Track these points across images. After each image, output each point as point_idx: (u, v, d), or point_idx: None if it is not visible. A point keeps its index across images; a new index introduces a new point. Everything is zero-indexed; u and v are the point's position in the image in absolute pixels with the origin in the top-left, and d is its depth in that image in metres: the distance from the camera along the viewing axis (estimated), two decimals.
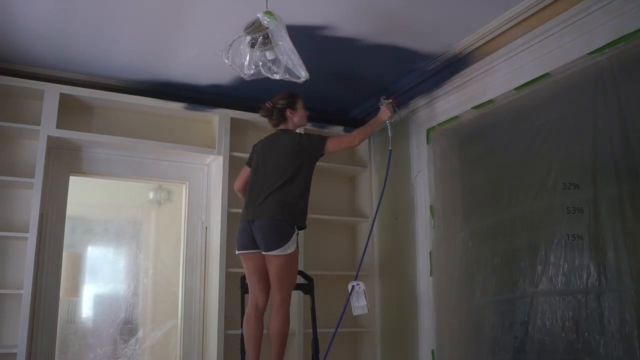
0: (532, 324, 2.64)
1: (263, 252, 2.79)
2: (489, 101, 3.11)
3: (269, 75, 2.50)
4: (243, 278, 3.07)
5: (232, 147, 3.66)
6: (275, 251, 2.73)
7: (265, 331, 2.86)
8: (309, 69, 2.44)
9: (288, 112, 3.05)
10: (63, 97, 3.30)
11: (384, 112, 3.24)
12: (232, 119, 3.71)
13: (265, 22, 2.35)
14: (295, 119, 3.08)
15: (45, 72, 3.46)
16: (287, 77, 2.48)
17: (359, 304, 3.06)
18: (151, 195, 4.13)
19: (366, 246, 3.25)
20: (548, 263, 2.60)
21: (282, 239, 2.74)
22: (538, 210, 2.72)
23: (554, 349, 2.52)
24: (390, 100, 3.28)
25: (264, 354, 2.83)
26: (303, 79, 2.46)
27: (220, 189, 3.59)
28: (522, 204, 2.82)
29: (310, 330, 3.15)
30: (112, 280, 4.03)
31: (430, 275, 3.39)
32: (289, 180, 2.86)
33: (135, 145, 3.54)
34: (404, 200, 3.76)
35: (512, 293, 2.86)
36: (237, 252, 2.90)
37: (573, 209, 2.53)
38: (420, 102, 3.63)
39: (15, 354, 2.94)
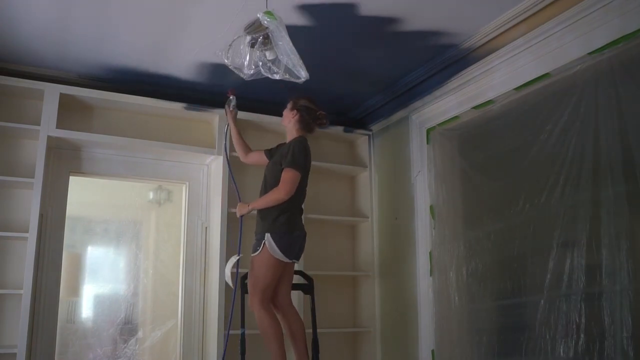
0: (532, 325, 2.64)
1: (295, 261, 2.97)
2: (489, 101, 3.11)
3: (269, 75, 2.50)
4: (244, 278, 3.07)
5: (232, 148, 3.66)
6: None
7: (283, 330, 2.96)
8: (309, 69, 2.44)
9: None
10: (63, 97, 3.30)
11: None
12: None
13: (265, 22, 2.36)
14: None
15: (45, 72, 3.47)
16: (287, 77, 2.49)
17: (226, 273, 3.04)
18: (151, 195, 4.13)
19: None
20: (549, 264, 2.59)
21: None
22: (538, 210, 2.71)
23: (554, 350, 2.52)
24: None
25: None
26: (303, 79, 2.46)
27: (220, 189, 3.59)
28: (522, 204, 2.81)
29: (311, 330, 3.15)
30: (112, 280, 4.04)
31: (430, 275, 3.39)
32: None
33: (136, 145, 3.53)
34: (404, 200, 3.76)
35: (513, 294, 2.86)
36: (289, 260, 2.89)
37: (573, 209, 2.53)
38: (420, 102, 3.63)
39: (15, 354, 2.93)
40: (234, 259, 3.01)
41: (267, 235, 2.83)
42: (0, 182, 3.21)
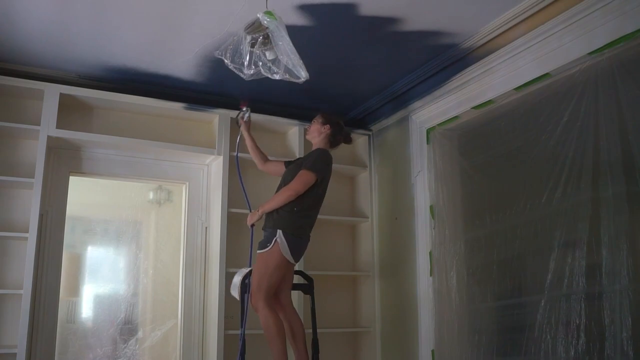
0: (532, 325, 2.64)
1: (295, 262, 2.96)
2: (489, 101, 3.11)
3: (269, 75, 2.50)
4: (244, 278, 3.07)
5: (232, 147, 3.66)
6: None
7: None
8: (309, 69, 2.44)
9: None
10: (63, 97, 3.30)
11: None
12: (231, 119, 3.71)
13: (265, 22, 2.36)
14: None
15: (45, 72, 3.47)
16: (286, 77, 2.48)
17: (234, 281, 3.04)
18: (151, 195, 4.13)
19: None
20: (549, 264, 2.59)
21: None
22: (538, 211, 2.71)
23: (554, 350, 2.52)
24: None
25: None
26: (303, 79, 2.46)
27: (220, 189, 3.59)
28: (522, 204, 2.82)
29: (311, 330, 3.15)
30: (112, 280, 4.03)
31: (430, 275, 3.39)
32: None
33: (135, 145, 3.53)
34: (404, 200, 3.76)
35: (513, 294, 2.86)
36: (294, 262, 2.94)
37: (573, 209, 2.53)
38: (420, 102, 3.63)
39: (15, 354, 2.94)
40: (244, 271, 3.01)
41: (279, 232, 2.83)
42: (0, 182, 3.21)
